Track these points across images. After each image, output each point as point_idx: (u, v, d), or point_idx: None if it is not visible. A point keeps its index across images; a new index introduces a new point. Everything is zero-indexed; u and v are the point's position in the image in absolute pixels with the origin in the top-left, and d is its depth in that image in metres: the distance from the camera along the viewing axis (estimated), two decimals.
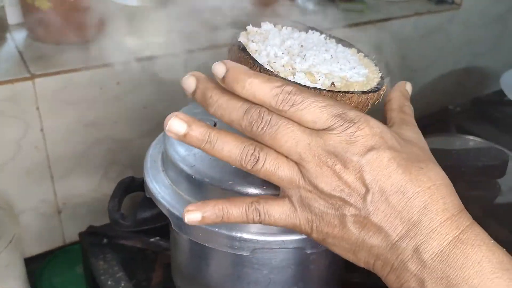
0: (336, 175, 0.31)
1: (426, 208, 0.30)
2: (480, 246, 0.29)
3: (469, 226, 0.30)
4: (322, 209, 0.32)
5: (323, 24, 0.87)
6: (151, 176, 0.44)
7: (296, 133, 0.31)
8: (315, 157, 0.31)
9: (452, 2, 1.02)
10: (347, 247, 0.33)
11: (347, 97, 0.34)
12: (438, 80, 1.09)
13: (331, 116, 0.31)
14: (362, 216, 0.31)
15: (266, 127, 0.31)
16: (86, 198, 0.74)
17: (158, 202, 0.42)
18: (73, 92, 0.67)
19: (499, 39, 1.17)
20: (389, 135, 0.32)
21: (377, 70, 0.40)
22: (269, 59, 0.36)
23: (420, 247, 0.30)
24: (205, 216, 0.34)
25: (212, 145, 0.32)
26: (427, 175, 0.31)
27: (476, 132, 0.87)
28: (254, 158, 0.32)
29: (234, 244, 0.39)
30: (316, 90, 0.34)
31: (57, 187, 0.71)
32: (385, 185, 0.30)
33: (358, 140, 0.31)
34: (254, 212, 0.33)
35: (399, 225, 0.30)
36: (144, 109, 0.73)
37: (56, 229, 0.74)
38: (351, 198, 0.31)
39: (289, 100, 0.31)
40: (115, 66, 0.69)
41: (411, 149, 0.33)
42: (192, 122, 0.32)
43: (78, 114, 0.68)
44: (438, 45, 1.04)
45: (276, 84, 0.31)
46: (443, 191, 0.31)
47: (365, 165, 0.30)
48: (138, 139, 0.73)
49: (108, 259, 0.54)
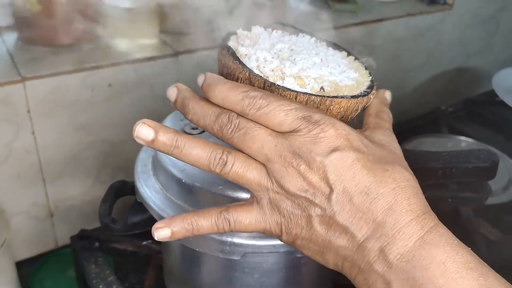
0: (301, 175, 0.32)
1: (391, 209, 0.30)
2: (445, 246, 0.30)
3: (433, 227, 0.30)
4: (290, 209, 0.32)
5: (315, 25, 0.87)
6: (142, 181, 0.44)
7: (262, 136, 0.32)
8: (280, 158, 0.32)
9: (444, 3, 1.02)
10: (316, 248, 0.33)
11: (337, 102, 0.35)
12: (430, 81, 1.09)
13: (296, 118, 0.32)
14: (328, 216, 0.31)
15: (235, 131, 0.33)
16: (78, 201, 0.74)
17: (148, 207, 0.42)
18: (65, 95, 0.66)
19: (491, 39, 1.17)
20: (355, 137, 0.32)
21: (367, 74, 0.40)
22: (258, 64, 0.36)
23: (385, 248, 0.30)
24: (174, 231, 0.34)
25: (180, 150, 0.33)
26: (392, 176, 0.31)
27: (468, 133, 0.88)
28: (222, 161, 0.33)
29: (224, 248, 0.39)
30: (305, 95, 0.34)
31: (49, 190, 0.71)
32: (349, 185, 0.31)
33: (323, 141, 0.31)
34: (223, 221, 0.34)
35: (364, 226, 0.31)
36: (136, 111, 0.73)
37: (48, 232, 0.74)
38: (316, 198, 0.31)
39: (255, 104, 0.32)
40: (107, 68, 0.69)
41: (379, 151, 0.33)
42: (159, 128, 0.33)
43: (70, 116, 0.68)
44: (430, 45, 1.05)
45: (242, 90, 0.33)
46: (408, 192, 0.31)
47: (329, 165, 0.31)
48: (130, 141, 0.72)
49: (100, 263, 0.54)
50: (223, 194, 0.38)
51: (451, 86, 1.15)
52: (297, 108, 0.32)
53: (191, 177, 0.40)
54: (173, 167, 0.41)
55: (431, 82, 1.09)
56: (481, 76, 1.19)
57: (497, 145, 0.84)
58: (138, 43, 0.73)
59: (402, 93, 1.07)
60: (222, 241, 0.38)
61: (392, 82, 1.03)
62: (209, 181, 0.39)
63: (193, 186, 0.39)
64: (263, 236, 0.39)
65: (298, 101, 0.34)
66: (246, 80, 0.35)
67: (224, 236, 0.39)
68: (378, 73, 1.06)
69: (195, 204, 0.40)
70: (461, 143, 0.85)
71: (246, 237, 0.39)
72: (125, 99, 0.71)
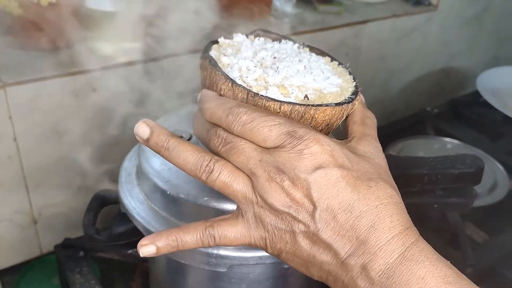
0: (284, 191, 0.32)
1: (373, 227, 0.31)
2: (424, 261, 0.30)
3: (414, 242, 0.31)
4: (274, 224, 0.33)
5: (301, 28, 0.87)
6: (126, 191, 0.43)
7: (247, 151, 0.33)
8: (265, 173, 0.32)
9: (428, 4, 1.03)
10: (300, 262, 0.34)
11: (321, 110, 0.34)
12: (416, 81, 1.10)
13: (280, 134, 0.32)
14: (311, 232, 0.32)
15: (222, 144, 0.33)
16: (63, 208, 0.73)
17: (133, 218, 0.41)
18: (47, 100, 0.65)
19: (475, 39, 1.18)
20: (340, 153, 0.32)
21: (351, 79, 0.39)
22: (241, 73, 0.36)
23: (367, 265, 0.30)
24: (159, 247, 0.34)
25: (169, 152, 0.34)
26: (375, 194, 0.32)
27: (454, 134, 0.88)
28: (208, 169, 0.33)
29: (210, 261, 0.38)
30: (289, 104, 0.34)
31: (32, 197, 0.70)
32: (333, 203, 0.31)
33: (306, 157, 0.31)
34: (208, 237, 0.34)
35: (348, 243, 0.31)
36: (121, 116, 0.72)
37: (32, 239, 0.73)
38: (299, 214, 0.32)
39: (239, 121, 0.33)
40: (91, 73, 0.68)
41: (364, 166, 0.33)
42: (155, 128, 0.35)
43: (53, 122, 0.67)
44: (415, 46, 1.05)
45: (228, 106, 0.33)
46: (390, 209, 0.32)
47: (313, 183, 0.31)
48: (115, 147, 0.72)
49: (85, 273, 0.53)
50: (208, 206, 0.38)
51: (436, 87, 1.15)
52: (281, 123, 0.32)
53: (176, 189, 0.39)
54: (158, 178, 0.40)
55: (416, 83, 1.10)
56: (466, 76, 1.20)
57: (483, 146, 0.85)
58: (122, 47, 0.72)
59: (388, 94, 1.07)
60: (208, 253, 0.38)
61: (378, 83, 1.04)
62: (194, 192, 0.38)
63: (178, 198, 0.39)
64: (249, 248, 0.38)
65: (282, 111, 0.34)
66: (229, 91, 0.35)
67: (210, 248, 0.38)
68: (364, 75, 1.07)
69: (180, 216, 0.40)
70: (447, 144, 0.85)
71: (232, 249, 0.38)
72: (110, 104, 0.70)
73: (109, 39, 0.71)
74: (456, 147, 0.84)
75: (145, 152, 0.43)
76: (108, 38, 0.71)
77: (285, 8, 0.92)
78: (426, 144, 0.85)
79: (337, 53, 0.93)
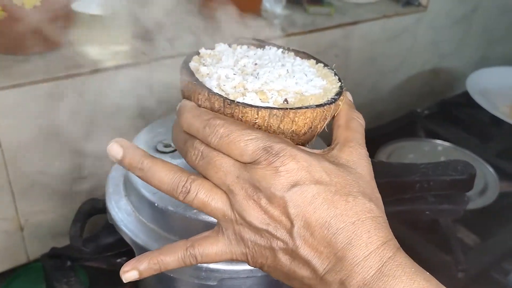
0: (261, 209, 0.32)
1: (350, 243, 0.31)
2: (401, 276, 0.30)
3: (391, 257, 0.31)
4: (254, 240, 0.33)
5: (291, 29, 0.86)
6: (113, 202, 0.42)
7: (225, 166, 0.32)
8: (242, 190, 0.32)
9: (418, 4, 1.02)
10: (282, 275, 0.34)
11: (301, 113, 0.33)
12: (406, 82, 1.10)
13: (256, 149, 0.32)
14: (290, 249, 0.32)
15: (199, 158, 0.33)
16: (50, 214, 0.72)
17: (120, 230, 0.40)
18: (33, 105, 0.64)
19: (465, 39, 1.18)
20: (317, 168, 0.32)
21: (336, 80, 0.38)
22: (219, 82, 0.35)
23: (345, 281, 0.31)
24: (141, 272, 0.34)
25: (144, 173, 0.34)
26: (353, 209, 0.31)
27: (444, 136, 0.88)
28: (185, 189, 0.33)
29: (200, 274, 0.37)
30: (267, 109, 0.33)
31: (18, 204, 0.68)
32: (310, 220, 0.31)
33: (282, 175, 0.31)
34: (190, 257, 0.34)
35: (325, 259, 0.31)
36: (108, 121, 0.71)
37: (19, 246, 0.72)
38: (277, 232, 0.32)
39: (216, 133, 0.32)
40: (77, 77, 0.66)
41: (344, 178, 0.33)
42: (128, 149, 0.34)
43: (39, 128, 0.65)
44: (405, 47, 1.05)
45: (205, 117, 0.33)
46: (367, 225, 0.31)
47: (289, 201, 0.31)
48: (103, 152, 0.71)
49: (72, 283, 0.52)
50: (197, 219, 0.37)
51: (426, 88, 1.15)
52: (258, 137, 0.32)
53: (164, 201, 0.38)
54: (145, 189, 0.39)
55: (406, 84, 1.10)
56: (455, 76, 1.20)
57: (473, 148, 0.85)
58: (109, 50, 0.71)
59: (378, 95, 1.07)
60: (197, 267, 0.37)
61: (368, 84, 1.03)
62: (182, 205, 0.38)
63: (166, 210, 0.38)
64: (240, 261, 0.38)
65: (260, 117, 0.33)
66: (206, 101, 0.34)
67: None
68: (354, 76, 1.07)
69: (168, 228, 0.39)
70: (437, 147, 0.85)
71: (222, 262, 0.37)
72: (97, 109, 0.69)
73: (96, 43, 0.70)
74: (446, 150, 0.84)
75: None
76: (95, 42, 0.70)
77: (275, 10, 0.92)
78: (417, 147, 0.85)
79: (327, 54, 0.93)
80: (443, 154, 0.83)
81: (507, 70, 1.08)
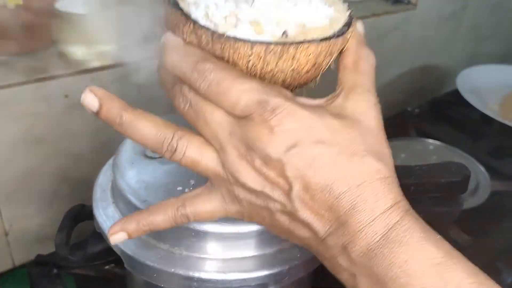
0: (256, 171, 0.29)
1: (354, 208, 0.28)
2: (408, 242, 0.28)
3: (398, 222, 0.28)
4: (249, 200, 0.30)
5: None
6: (101, 210, 0.41)
7: (215, 120, 0.29)
8: (234, 149, 0.29)
9: (408, 2, 1.02)
10: (281, 232, 0.32)
11: (303, 49, 0.29)
12: (396, 80, 1.09)
13: (250, 103, 0.28)
14: (289, 211, 0.29)
15: (187, 106, 0.30)
16: (36, 219, 0.70)
17: (108, 239, 0.39)
18: (17, 108, 0.62)
19: (454, 36, 1.18)
20: (318, 126, 0.29)
21: (345, 8, 0.33)
22: (207, 11, 0.30)
23: (347, 246, 0.29)
24: (130, 233, 0.32)
25: (124, 128, 0.30)
26: (358, 171, 0.28)
27: (436, 135, 0.88)
28: (171, 147, 0.30)
29: (192, 284, 0.36)
30: (262, 44, 0.28)
31: (2, 209, 0.67)
32: (310, 183, 0.28)
33: (279, 135, 0.28)
34: (182, 217, 0.32)
35: (327, 223, 0.29)
36: (95, 122, 0.69)
37: (4, 252, 0.70)
38: (274, 193, 0.29)
39: (205, 80, 0.28)
40: (63, 78, 0.65)
41: (349, 135, 0.29)
42: (104, 100, 0.30)
43: (24, 130, 0.64)
44: (395, 45, 1.04)
45: (193, 59, 0.29)
46: (374, 187, 0.28)
47: (286, 164, 0.28)
48: (90, 154, 0.69)
49: None
50: (188, 227, 0.36)
51: (416, 85, 1.15)
52: (252, 88, 0.28)
53: None
54: (134, 196, 0.38)
55: (397, 82, 1.09)
56: (446, 74, 1.20)
57: (464, 147, 0.84)
58: (95, 50, 0.69)
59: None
60: (188, 277, 0.36)
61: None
62: None
63: None
64: (232, 270, 0.37)
65: (255, 53, 0.29)
66: (192, 34, 0.29)
67: (190, 271, 0.36)
68: None
69: (157, 236, 0.38)
70: (429, 146, 0.85)
71: (215, 271, 0.36)
72: (84, 111, 0.67)
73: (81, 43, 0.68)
74: (438, 149, 0.84)
75: (120, 167, 0.41)
76: (80, 42, 0.68)
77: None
78: (409, 146, 0.84)
79: None
80: (435, 153, 0.83)
81: (497, 68, 1.08)
